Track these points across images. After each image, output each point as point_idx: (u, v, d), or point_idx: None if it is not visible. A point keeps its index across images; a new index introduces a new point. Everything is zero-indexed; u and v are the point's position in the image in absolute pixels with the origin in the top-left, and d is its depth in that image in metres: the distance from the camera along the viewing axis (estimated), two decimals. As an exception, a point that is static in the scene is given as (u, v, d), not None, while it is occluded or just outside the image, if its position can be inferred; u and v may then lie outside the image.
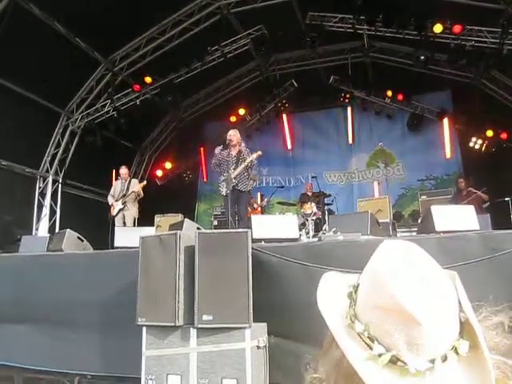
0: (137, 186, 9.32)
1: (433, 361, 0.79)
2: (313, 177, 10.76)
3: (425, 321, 0.78)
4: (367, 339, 0.84)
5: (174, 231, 3.95)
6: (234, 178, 7.12)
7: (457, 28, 9.27)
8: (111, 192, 9.53)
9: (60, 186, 11.70)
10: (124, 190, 9.32)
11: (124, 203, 9.18)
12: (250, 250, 3.74)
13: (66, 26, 9.77)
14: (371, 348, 0.83)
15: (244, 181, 7.28)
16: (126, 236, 5.70)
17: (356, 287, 0.91)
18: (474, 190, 9.45)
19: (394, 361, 0.81)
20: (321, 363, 0.94)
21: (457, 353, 0.80)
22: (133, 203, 9.35)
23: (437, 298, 0.80)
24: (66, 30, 9.82)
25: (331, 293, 0.96)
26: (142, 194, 9.36)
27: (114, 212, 9.18)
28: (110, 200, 9.37)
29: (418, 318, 0.78)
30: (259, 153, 7.41)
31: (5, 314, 5.24)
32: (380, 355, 0.81)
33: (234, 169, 7.17)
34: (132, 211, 9.29)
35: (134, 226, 9.07)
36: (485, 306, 0.91)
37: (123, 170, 9.59)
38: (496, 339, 0.86)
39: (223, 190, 7.19)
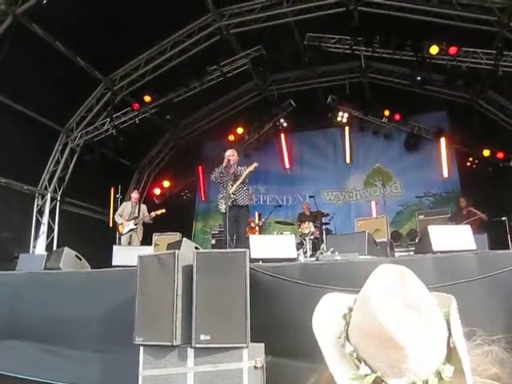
0: (152, 213, 9.68)
1: None
2: (310, 196, 10.76)
3: (407, 346, 0.81)
4: (356, 360, 0.87)
5: (172, 250, 3.97)
6: (233, 194, 7.17)
7: (452, 49, 9.40)
8: (119, 212, 9.75)
9: (58, 203, 11.69)
10: (135, 213, 9.60)
11: (136, 224, 9.43)
12: (248, 270, 3.75)
13: (67, 45, 9.87)
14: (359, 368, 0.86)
15: (242, 195, 7.34)
16: (124, 255, 5.70)
17: (351, 309, 0.94)
18: (474, 210, 9.50)
19: (378, 382, 0.84)
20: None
21: (440, 377, 0.83)
22: (140, 227, 9.65)
23: (422, 325, 0.83)
24: (67, 49, 9.92)
25: (329, 313, 0.98)
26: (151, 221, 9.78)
27: (123, 230, 9.35)
28: (119, 219, 9.55)
29: (401, 343, 0.81)
30: (255, 164, 7.50)
31: (2, 330, 5.22)
32: (366, 375, 0.84)
33: (232, 185, 7.23)
34: (139, 235, 9.57)
35: None
36: (479, 334, 0.93)
37: (135, 195, 9.99)
38: (485, 366, 0.88)
39: (222, 207, 7.22)
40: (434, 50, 9.42)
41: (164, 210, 9.80)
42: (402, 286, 0.88)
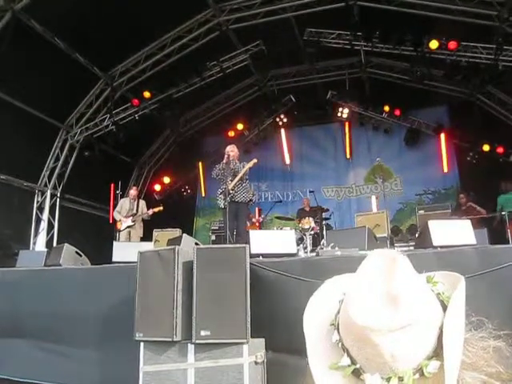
0: (150, 210, 9.63)
1: (389, 379, 0.80)
2: (310, 191, 10.76)
3: (381, 342, 0.78)
4: (341, 349, 0.86)
5: (173, 246, 3.96)
6: (232, 190, 7.16)
7: (452, 44, 9.37)
8: (117, 209, 9.72)
9: (58, 200, 11.70)
10: (133, 209, 9.57)
11: (134, 221, 9.41)
12: (248, 265, 3.75)
13: (66, 42, 9.85)
14: None
15: (241, 192, 7.32)
16: (124, 251, 5.69)
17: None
18: (474, 205, 9.49)
19: (357, 374, 0.83)
20: None
21: (422, 373, 0.79)
22: (139, 223, 9.59)
23: (400, 319, 0.79)
24: (66, 45, 9.90)
25: (330, 296, 0.96)
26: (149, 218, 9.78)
27: (121, 227, 9.35)
28: (118, 216, 9.54)
29: (374, 340, 0.78)
30: (254, 160, 7.49)
31: (2, 328, 5.22)
32: (349, 366, 0.83)
33: (231, 181, 7.22)
34: (138, 232, 9.52)
35: None
36: (487, 326, 0.89)
37: (133, 192, 9.95)
38: (485, 362, 0.84)
39: (221, 203, 7.21)
40: (433, 44, 9.39)
41: (161, 208, 9.82)
42: (387, 275, 0.85)
